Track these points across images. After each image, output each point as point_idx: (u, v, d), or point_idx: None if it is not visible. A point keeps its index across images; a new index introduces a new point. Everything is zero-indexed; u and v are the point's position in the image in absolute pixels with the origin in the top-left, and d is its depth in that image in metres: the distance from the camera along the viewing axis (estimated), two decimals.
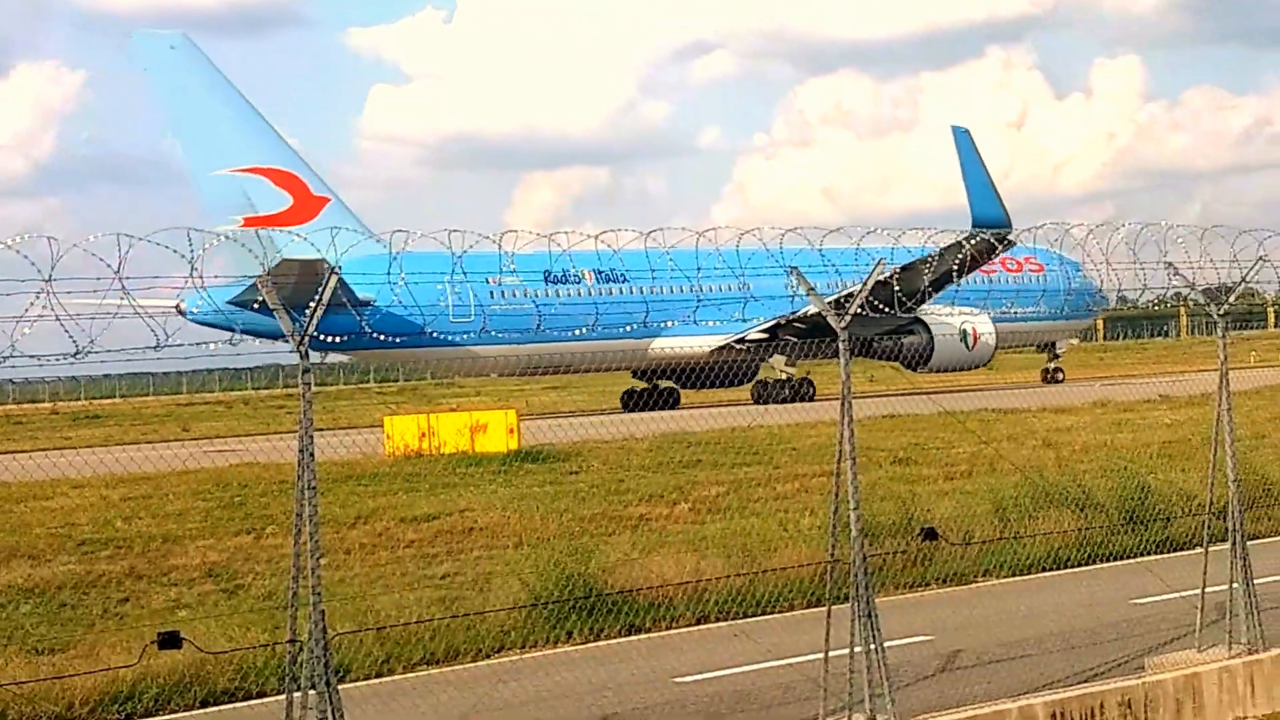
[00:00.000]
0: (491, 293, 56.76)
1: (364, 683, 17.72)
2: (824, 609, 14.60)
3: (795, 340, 64.67)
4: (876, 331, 64.80)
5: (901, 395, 31.11)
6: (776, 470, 34.44)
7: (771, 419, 39.27)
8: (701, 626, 20.59)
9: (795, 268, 15.39)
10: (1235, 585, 16.52)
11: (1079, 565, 23.89)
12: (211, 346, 12.95)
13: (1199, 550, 17.11)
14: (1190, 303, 20.42)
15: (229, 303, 46.36)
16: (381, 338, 38.65)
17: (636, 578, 21.30)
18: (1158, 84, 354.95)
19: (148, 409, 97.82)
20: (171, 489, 33.76)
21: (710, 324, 59.08)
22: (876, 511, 23.99)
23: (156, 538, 27.77)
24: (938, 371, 72.52)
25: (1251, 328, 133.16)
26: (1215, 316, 18.25)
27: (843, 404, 14.48)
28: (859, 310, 14.55)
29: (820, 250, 17.47)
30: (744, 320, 62.73)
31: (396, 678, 18.27)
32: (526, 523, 27.92)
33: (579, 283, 62.17)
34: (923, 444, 40.29)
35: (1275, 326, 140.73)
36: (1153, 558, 23.32)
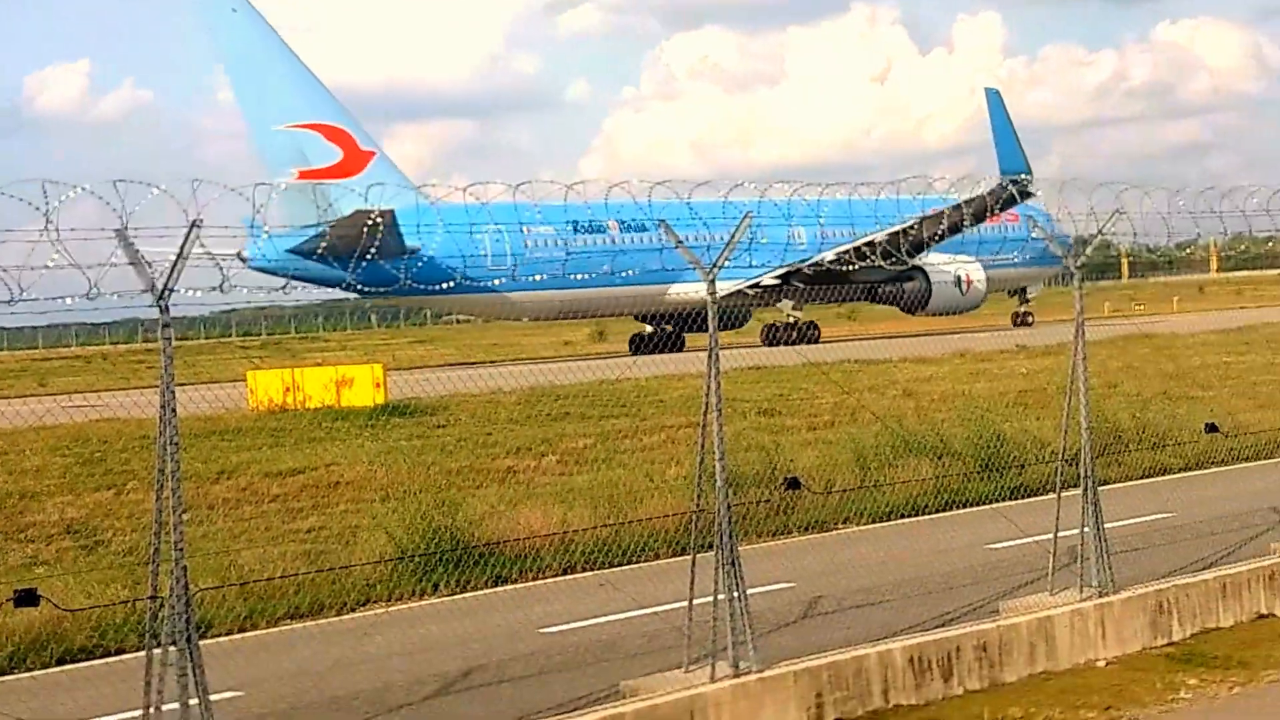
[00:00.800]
0: (526, 242, 57.48)
1: (226, 638, 17.60)
2: (689, 558, 14.77)
3: (802, 286, 69.25)
4: (880, 278, 68.78)
5: (766, 349, 31.47)
6: (644, 422, 34.65)
7: (662, 368, 39.43)
8: (568, 577, 20.72)
9: (664, 220, 15.50)
10: (1087, 530, 16.97)
11: (937, 512, 24.39)
12: (68, 301, 12.67)
13: (1052, 496, 17.51)
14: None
15: (288, 251, 47.03)
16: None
17: (504, 530, 21.37)
18: (1018, 40, 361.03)
19: (0, 364, 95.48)
20: (28, 445, 33.03)
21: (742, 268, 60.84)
22: (741, 462, 24.30)
23: (13, 494, 27.19)
24: (934, 315, 76.16)
25: (1107, 279, 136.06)
26: (1071, 269, 18.68)
27: (710, 356, 14.62)
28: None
29: (689, 203, 17.75)
30: (752, 267, 63.99)
31: (260, 632, 18.17)
32: (393, 476, 27.79)
33: (604, 232, 63.16)
34: (787, 395, 40.76)
35: (1130, 278, 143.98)
36: (1007, 504, 23.87)
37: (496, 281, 59.25)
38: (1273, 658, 16.08)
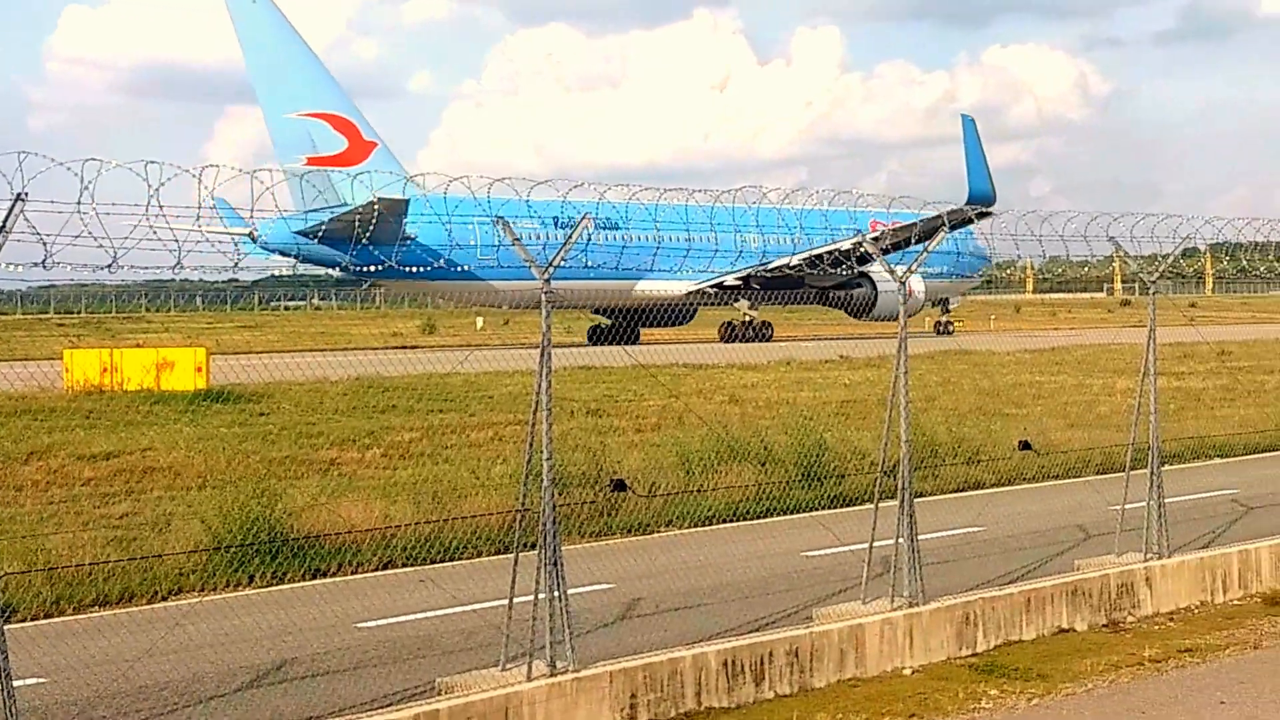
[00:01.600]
0: (470, 229, 60.46)
1: (31, 624, 17.17)
2: (511, 556, 14.79)
3: (758, 288, 76.41)
4: (831, 285, 77.02)
5: (601, 348, 31.65)
6: (471, 418, 34.54)
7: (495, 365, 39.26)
8: (387, 572, 20.56)
9: (501, 217, 15.48)
10: (901, 541, 17.34)
11: (758, 518, 24.70)
12: None
13: (870, 506, 17.87)
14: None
15: (296, 232, 47.97)
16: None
17: (323, 522, 21.14)
18: (854, 56, 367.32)
19: None
20: None
21: (687, 271, 67.11)
22: (568, 462, 24.35)
23: None
24: (878, 320, 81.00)
25: None
26: (897, 281, 19.08)
27: (542, 354, 14.65)
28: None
29: (528, 201, 17.78)
30: (710, 271, 70.13)
31: (67, 619, 17.73)
32: (211, 464, 27.32)
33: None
34: (615, 396, 40.98)
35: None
36: (826, 512, 24.29)
37: (484, 270, 60.96)
38: (1071, 671, 16.62)
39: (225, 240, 14.60)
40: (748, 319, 79.26)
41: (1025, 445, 27.33)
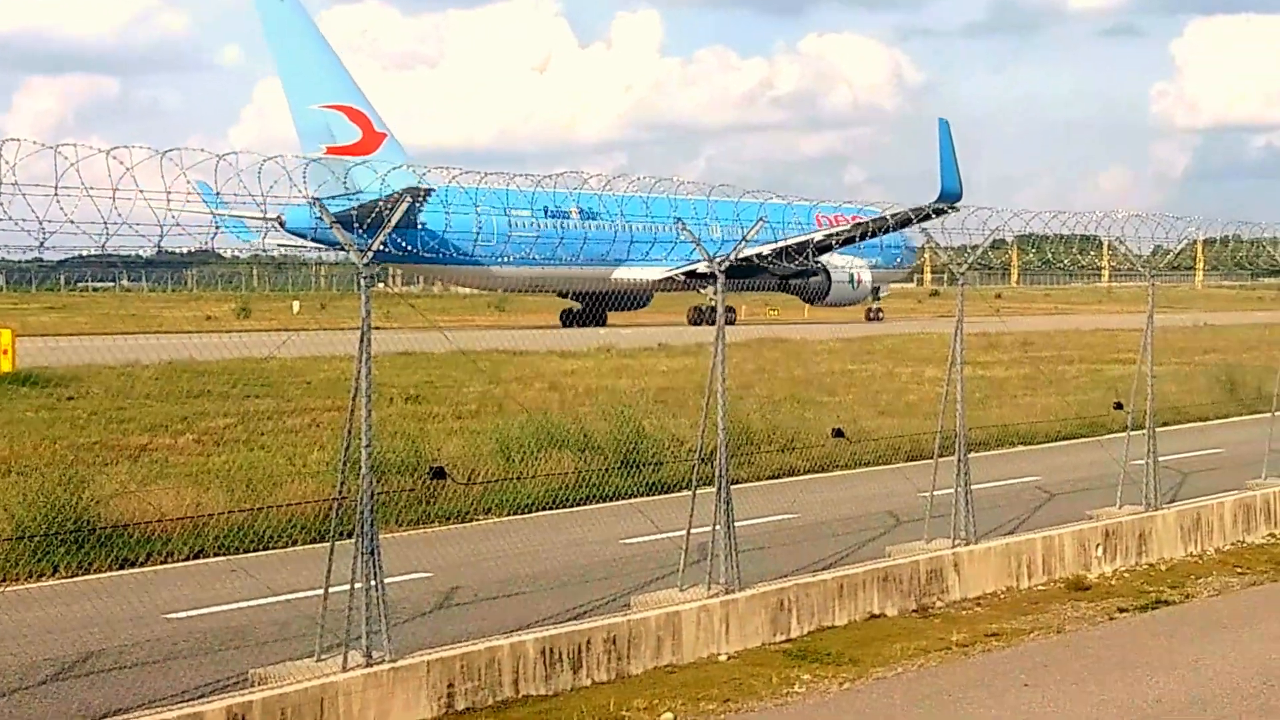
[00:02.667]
0: (510, 223, 63.04)
1: None
2: (327, 545, 14.63)
3: (704, 274, 76.73)
4: (790, 273, 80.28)
5: (417, 329, 31.34)
6: (288, 404, 34.03)
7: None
8: (199, 561, 20.16)
9: (319, 200, 15.30)
10: (718, 528, 17.54)
11: (576, 505, 24.76)
12: None
13: (688, 493, 18.04)
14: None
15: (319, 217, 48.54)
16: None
17: (132, 510, 20.65)
18: (674, 41, 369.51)
19: None
20: None
21: (658, 259, 71.98)
22: (386, 449, 24.13)
23: None
24: (831, 306, 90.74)
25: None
26: (716, 272, 19.28)
27: (362, 339, 14.49)
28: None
29: (345, 182, 17.70)
30: (680, 259, 73.50)
31: None
32: (16, 449, 26.50)
33: (568, 218, 65.59)
34: (435, 382, 40.73)
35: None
36: (644, 499, 24.48)
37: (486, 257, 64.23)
38: (881, 655, 17.00)
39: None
40: (713, 304, 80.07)
41: (838, 432, 27.87)
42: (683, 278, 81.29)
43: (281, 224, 51.86)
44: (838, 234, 30.50)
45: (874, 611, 18.67)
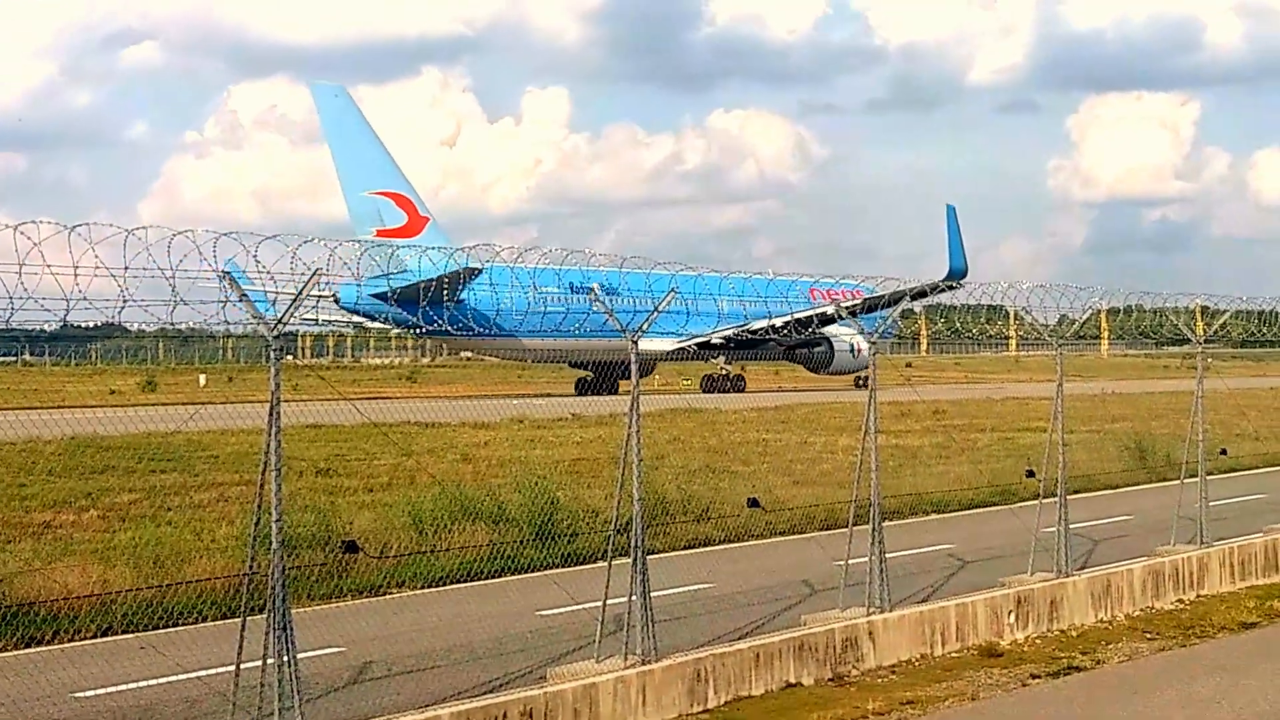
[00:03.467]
0: (540, 300, 68.84)
1: None
2: (238, 621, 14.40)
3: (733, 346, 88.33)
4: (796, 344, 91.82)
5: (328, 400, 31.03)
6: (195, 478, 33.56)
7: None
8: (107, 639, 19.77)
9: (228, 272, 15.21)
10: (634, 599, 17.48)
11: (492, 577, 24.62)
12: None
13: (603, 564, 17.98)
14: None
15: (372, 295, 53.47)
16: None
17: (37, 588, 20.22)
18: (582, 116, 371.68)
19: None
20: None
21: (673, 331, 72.42)
22: (297, 523, 23.83)
23: None
24: (833, 374, 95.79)
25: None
26: (630, 342, 19.32)
27: (271, 411, 14.35)
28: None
29: (255, 255, 17.49)
30: (691, 332, 78.71)
31: None
32: None
33: (590, 293, 67.68)
34: (345, 455, 40.36)
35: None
36: (560, 571, 24.32)
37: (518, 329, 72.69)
38: None
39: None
40: (724, 372, 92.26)
41: (753, 502, 27.87)
42: (695, 348, 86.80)
43: (336, 300, 55.97)
44: (851, 307, 32.72)
45: (790, 680, 18.64)
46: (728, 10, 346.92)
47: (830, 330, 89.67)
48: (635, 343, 19.02)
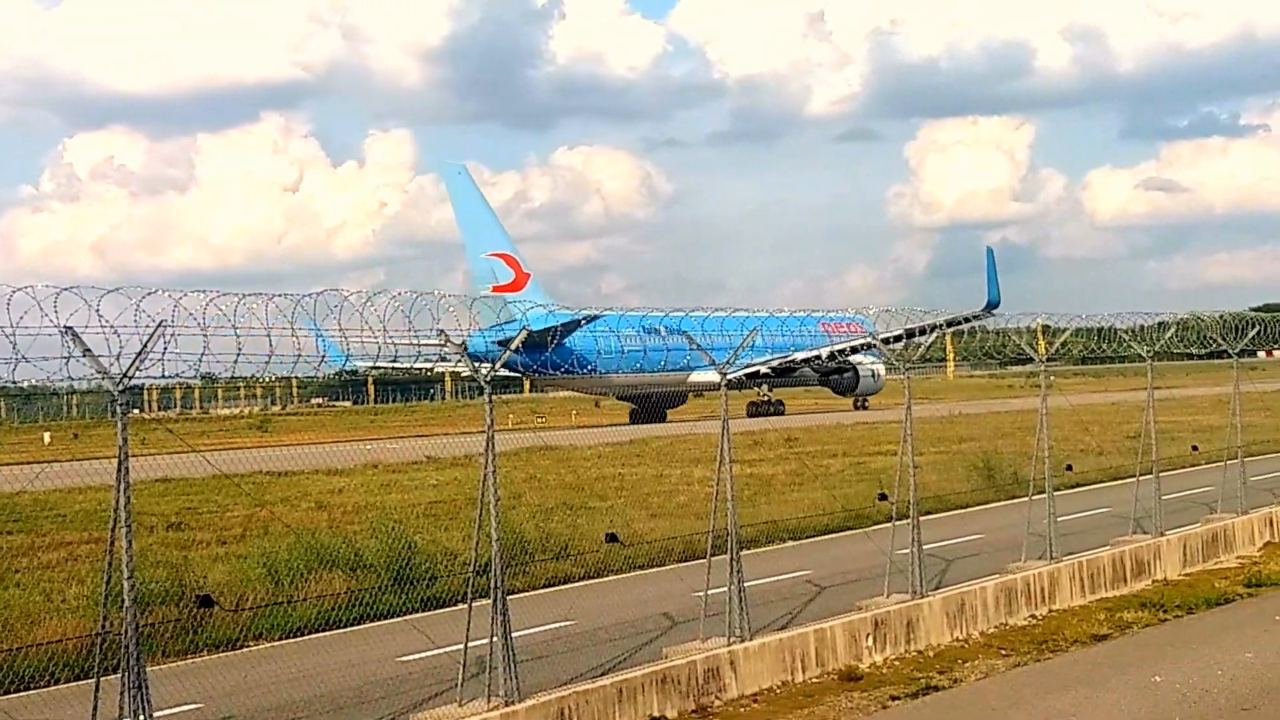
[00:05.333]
0: (620, 339, 78.06)
1: None
2: (91, 682, 14.08)
3: (773, 375, 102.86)
4: (827, 371, 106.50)
5: (180, 453, 30.55)
6: (42, 538, 32.71)
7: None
8: None
9: (70, 328, 14.93)
10: (495, 639, 17.42)
11: (350, 625, 24.35)
12: None
13: (463, 607, 17.89)
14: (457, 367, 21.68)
15: (493, 342, 56.71)
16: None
17: None
18: (427, 158, 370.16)
19: None
20: None
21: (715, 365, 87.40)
22: (149, 579, 23.42)
23: None
24: (857, 396, 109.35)
25: (511, 391, 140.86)
26: (482, 382, 19.31)
27: (119, 467, 14.09)
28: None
29: (97, 310, 17.27)
30: (739, 364, 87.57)
31: None
32: None
33: (658, 335, 74.82)
34: (197, 508, 39.67)
35: (531, 391, 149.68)
36: (420, 615, 24.16)
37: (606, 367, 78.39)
38: None
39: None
40: (765, 398, 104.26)
41: (612, 537, 27.96)
42: (743, 378, 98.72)
43: (464, 349, 60.39)
44: (889, 337, 36.60)
45: (654, 714, 18.69)
46: (568, 49, 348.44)
47: (854, 359, 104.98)
48: (487, 391, 19.00)
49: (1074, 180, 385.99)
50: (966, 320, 34.08)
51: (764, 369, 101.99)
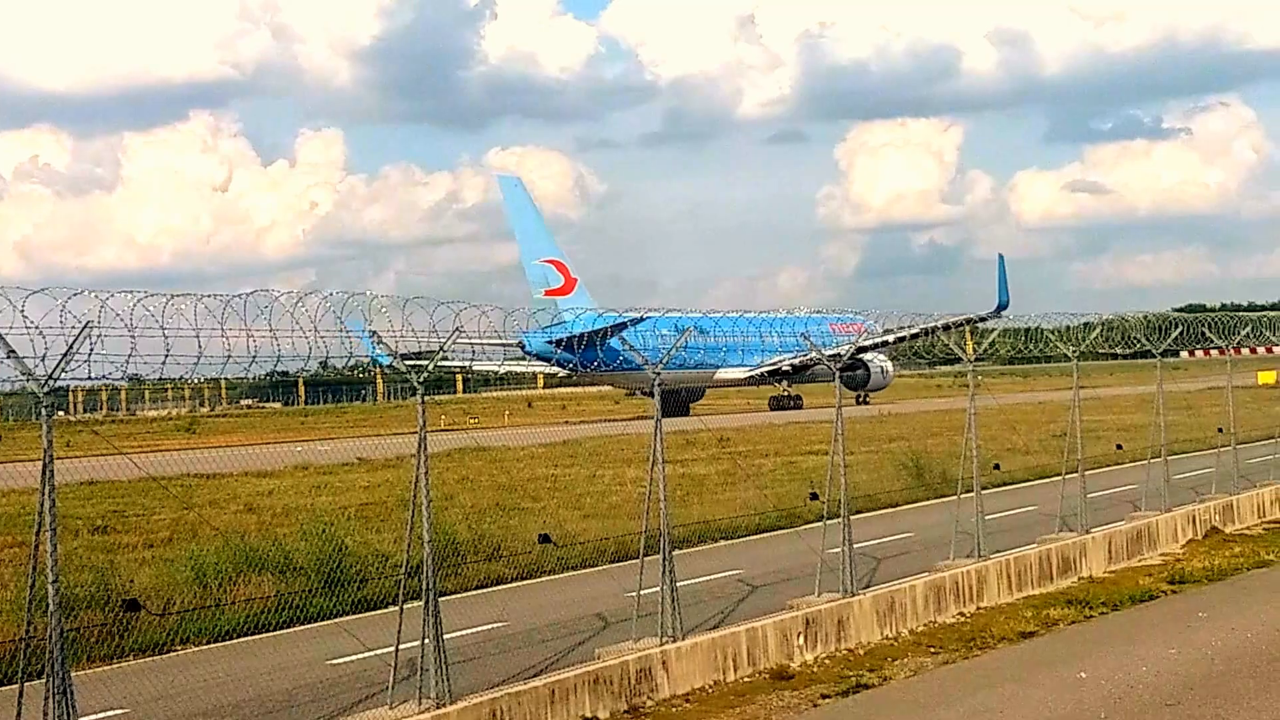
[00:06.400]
0: (660, 338, 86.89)
1: None
2: (15, 688, 13.90)
3: (791, 372, 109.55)
4: (840, 368, 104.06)
5: (106, 455, 30.15)
6: None
7: None
8: None
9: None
10: (427, 641, 17.35)
11: (280, 629, 24.16)
12: None
13: (395, 609, 17.81)
14: (388, 369, 21.49)
15: (547, 342, 72.56)
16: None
17: None
18: (358, 158, 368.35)
19: None
20: None
21: (741, 363, 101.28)
22: (74, 583, 23.13)
23: None
24: (869, 391, 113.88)
25: (443, 392, 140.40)
26: (415, 384, 19.18)
27: (44, 470, 13.91)
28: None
29: (22, 310, 17.10)
30: (757, 362, 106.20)
31: None
32: None
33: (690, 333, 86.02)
34: (123, 511, 39.24)
35: (465, 392, 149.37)
36: (350, 618, 24.01)
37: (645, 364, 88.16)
38: None
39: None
40: (786, 393, 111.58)
41: (545, 538, 27.94)
42: (764, 374, 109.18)
43: (522, 347, 70.50)
44: (904, 336, 39.44)
45: (586, 715, 18.68)
46: (500, 49, 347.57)
47: (866, 356, 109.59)
48: (419, 394, 18.89)
49: (1001, 182, 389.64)
50: (982, 319, 38.40)
51: (786, 366, 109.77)
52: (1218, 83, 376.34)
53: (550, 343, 74.45)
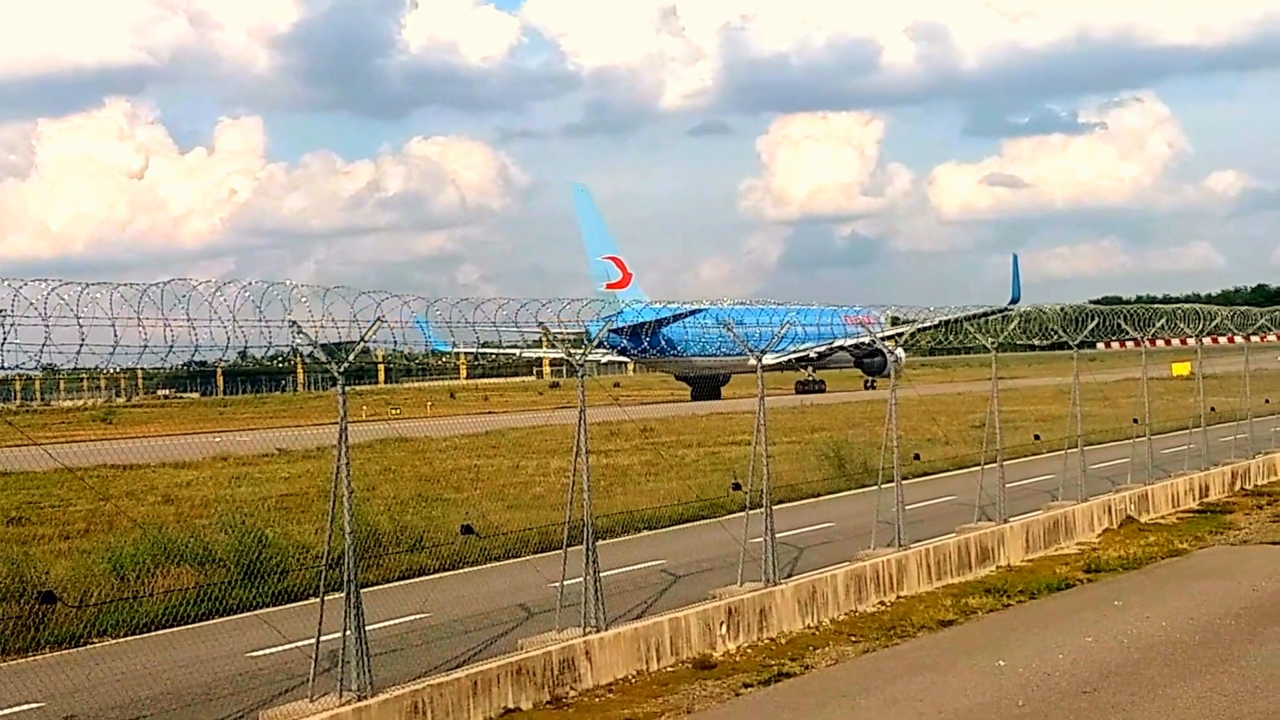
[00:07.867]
0: (703, 329, 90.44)
1: None
2: None
3: (816, 358, 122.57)
4: (861, 355, 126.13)
5: (20, 446, 29.70)
6: None
7: None
8: None
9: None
10: (348, 633, 17.23)
11: (198, 621, 23.89)
12: None
13: (315, 600, 17.67)
14: (309, 359, 21.25)
15: (612, 331, 76.07)
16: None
17: None
18: (278, 146, 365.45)
19: None
20: None
21: (777, 350, 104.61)
22: None
23: None
24: (886, 377, 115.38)
25: (365, 383, 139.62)
26: (335, 374, 19.01)
27: None
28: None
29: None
30: (785, 350, 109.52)
31: None
32: None
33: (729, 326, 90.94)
34: (38, 502, 38.70)
35: (386, 382, 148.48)
36: (271, 610, 23.82)
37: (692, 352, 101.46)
38: None
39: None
40: (810, 378, 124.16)
41: (467, 529, 27.82)
42: (790, 361, 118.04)
43: (586, 335, 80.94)
44: (923, 326, 41.17)
45: (509, 706, 18.64)
46: (420, 38, 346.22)
47: (881, 344, 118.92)
48: (340, 382, 18.72)
49: (920, 175, 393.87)
50: (994, 313, 42.55)
51: (812, 353, 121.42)
52: (1132, 78, 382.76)
53: (616, 331, 79.94)
